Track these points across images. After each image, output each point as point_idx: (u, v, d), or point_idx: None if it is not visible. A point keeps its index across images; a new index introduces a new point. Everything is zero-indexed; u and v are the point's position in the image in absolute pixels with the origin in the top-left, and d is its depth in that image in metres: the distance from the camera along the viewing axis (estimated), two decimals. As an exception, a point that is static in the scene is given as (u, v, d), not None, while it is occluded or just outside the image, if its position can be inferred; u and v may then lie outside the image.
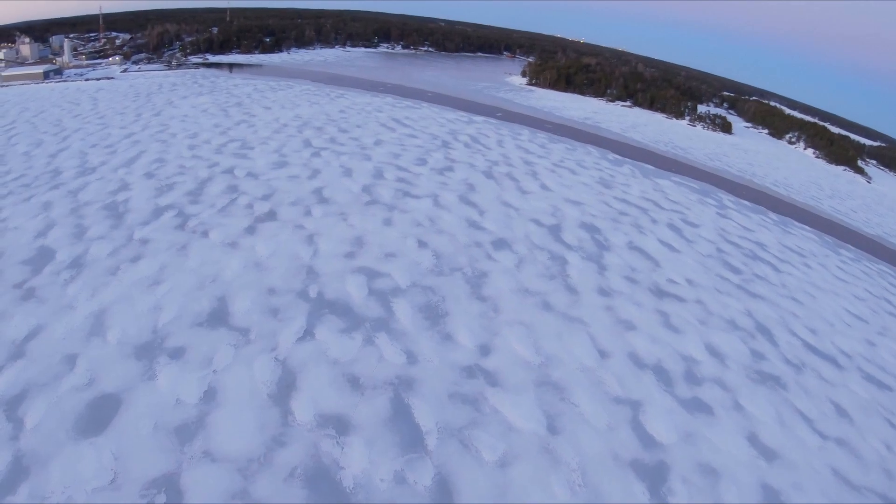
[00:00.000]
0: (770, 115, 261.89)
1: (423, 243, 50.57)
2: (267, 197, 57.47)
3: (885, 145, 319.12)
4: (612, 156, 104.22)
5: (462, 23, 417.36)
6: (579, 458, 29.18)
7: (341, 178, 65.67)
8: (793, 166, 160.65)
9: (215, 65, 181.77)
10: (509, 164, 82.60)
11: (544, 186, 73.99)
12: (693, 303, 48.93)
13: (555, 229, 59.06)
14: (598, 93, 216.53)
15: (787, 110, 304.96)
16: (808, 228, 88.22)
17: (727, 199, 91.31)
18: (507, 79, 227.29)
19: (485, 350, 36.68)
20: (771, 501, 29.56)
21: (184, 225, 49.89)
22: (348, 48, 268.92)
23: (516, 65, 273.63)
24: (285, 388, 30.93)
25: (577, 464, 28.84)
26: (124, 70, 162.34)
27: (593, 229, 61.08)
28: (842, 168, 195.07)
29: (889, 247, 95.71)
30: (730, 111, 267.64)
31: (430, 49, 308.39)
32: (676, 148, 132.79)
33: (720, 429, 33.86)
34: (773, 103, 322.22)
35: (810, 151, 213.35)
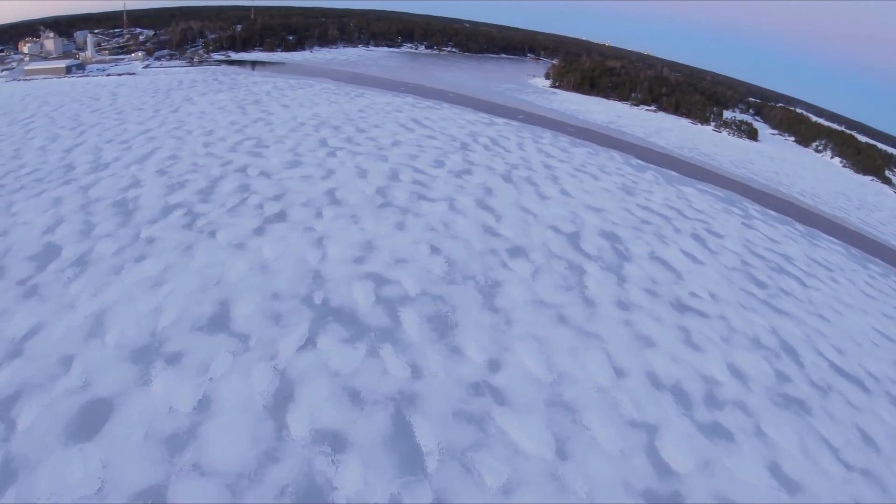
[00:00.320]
0: (797, 122, 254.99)
1: (435, 249, 48.98)
2: (278, 197, 56.50)
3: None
4: (635, 161, 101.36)
5: (487, 24, 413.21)
6: (588, 487, 27.35)
7: (355, 178, 64.49)
8: (820, 175, 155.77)
9: (237, 62, 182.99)
10: (529, 168, 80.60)
11: (564, 192, 71.84)
12: (716, 319, 46.59)
13: (574, 237, 57.02)
14: (623, 96, 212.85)
15: (814, 118, 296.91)
16: (835, 241, 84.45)
17: (753, 208, 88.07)
18: (530, 81, 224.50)
19: (494, 365, 34.95)
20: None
21: (192, 224, 49.14)
22: (371, 48, 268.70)
23: (540, 67, 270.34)
24: (282, 400, 29.68)
25: (585, 493, 27.01)
26: (146, 66, 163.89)
27: (614, 238, 58.88)
28: (869, 178, 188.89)
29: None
30: (756, 117, 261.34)
31: (454, 50, 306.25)
32: (701, 154, 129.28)
33: (740, 457, 31.69)
34: (799, 110, 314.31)
35: (837, 160, 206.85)
